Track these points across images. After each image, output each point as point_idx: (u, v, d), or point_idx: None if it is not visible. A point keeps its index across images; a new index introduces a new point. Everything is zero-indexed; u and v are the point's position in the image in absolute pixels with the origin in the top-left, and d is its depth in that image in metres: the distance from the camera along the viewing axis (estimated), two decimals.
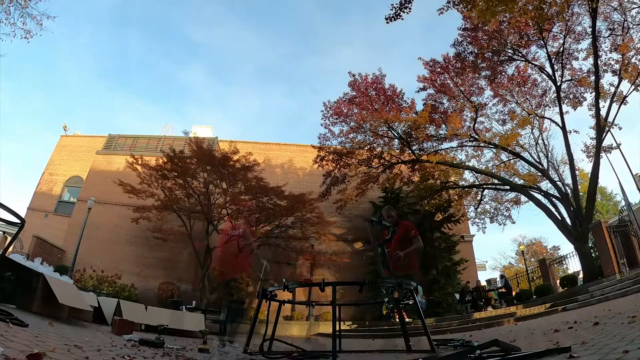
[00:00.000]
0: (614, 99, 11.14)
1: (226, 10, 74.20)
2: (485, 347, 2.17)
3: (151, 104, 77.81)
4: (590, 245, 11.52)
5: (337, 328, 3.09)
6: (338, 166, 14.77)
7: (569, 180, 12.58)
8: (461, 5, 7.30)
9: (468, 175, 15.43)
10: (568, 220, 11.74)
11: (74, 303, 4.99)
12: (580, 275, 11.97)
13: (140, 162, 13.97)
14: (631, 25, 10.57)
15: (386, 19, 7.18)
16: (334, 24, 75.88)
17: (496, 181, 14.32)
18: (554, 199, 12.63)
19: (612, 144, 12.21)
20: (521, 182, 13.69)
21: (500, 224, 15.55)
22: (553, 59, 11.94)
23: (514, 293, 14.19)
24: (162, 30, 71.33)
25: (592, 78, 10.97)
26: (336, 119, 14.87)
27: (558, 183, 12.82)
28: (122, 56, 69.98)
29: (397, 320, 4.41)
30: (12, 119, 61.38)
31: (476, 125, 13.95)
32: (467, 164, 14.71)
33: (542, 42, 11.80)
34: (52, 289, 4.42)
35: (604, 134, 11.02)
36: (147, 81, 75.05)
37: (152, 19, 67.25)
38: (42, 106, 66.18)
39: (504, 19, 10.73)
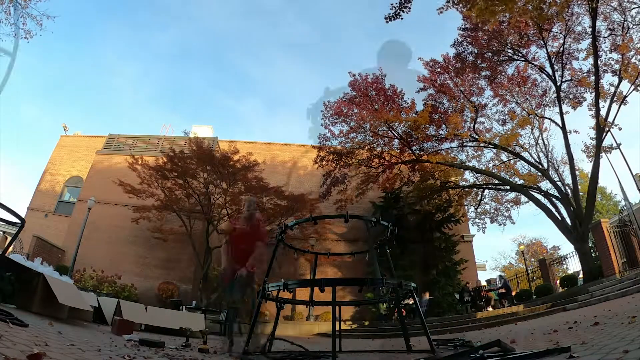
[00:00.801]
0: (614, 99, 11.14)
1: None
2: (487, 347, 2.17)
3: (152, 104, 77.96)
4: (590, 245, 11.51)
5: (337, 328, 3.08)
6: (338, 166, 14.76)
7: (569, 180, 12.58)
8: (461, 5, 7.31)
9: (468, 176, 15.45)
10: (568, 220, 11.73)
11: (74, 303, 5.00)
12: (580, 275, 11.96)
13: (140, 162, 13.97)
14: (631, 25, 10.56)
15: (385, 18, 7.18)
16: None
17: (496, 181, 14.31)
18: (554, 199, 12.62)
19: (612, 144, 12.19)
20: (521, 182, 13.68)
21: (500, 224, 15.55)
22: (553, 59, 11.94)
23: (513, 293, 14.19)
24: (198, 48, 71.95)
25: (592, 78, 10.96)
26: (336, 119, 14.86)
27: (558, 183, 12.81)
28: (132, 57, 70.14)
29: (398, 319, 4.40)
30: (13, 119, 61.47)
31: (476, 125, 13.95)
32: (467, 164, 14.71)
33: (542, 42, 11.80)
34: (52, 289, 4.42)
35: (604, 134, 11.02)
36: (158, 86, 75.55)
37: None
38: (43, 106, 66.37)
39: (504, 19, 10.73)
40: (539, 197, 12.99)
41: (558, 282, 13.11)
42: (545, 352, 1.84)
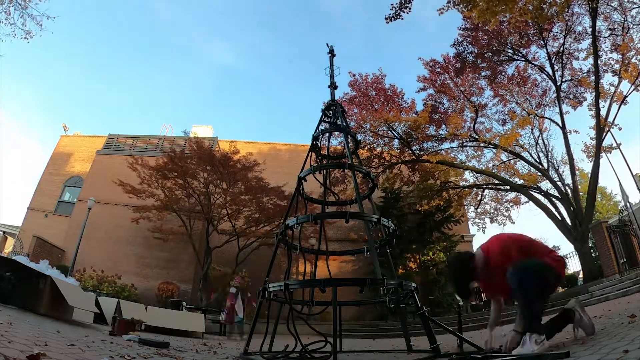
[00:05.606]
0: (614, 99, 11.14)
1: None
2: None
3: (151, 103, 77.95)
4: (590, 245, 11.51)
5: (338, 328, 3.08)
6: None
7: (569, 180, 12.58)
8: (461, 5, 7.30)
9: (468, 176, 15.43)
10: (568, 220, 11.73)
11: (82, 305, 5.02)
12: (580, 275, 11.97)
13: (140, 162, 13.98)
14: (631, 25, 10.56)
15: (386, 18, 7.20)
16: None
17: (496, 181, 14.31)
18: (554, 199, 12.62)
19: (612, 144, 12.19)
20: (521, 182, 13.68)
21: (500, 224, 15.56)
22: (553, 59, 11.94)
23: None
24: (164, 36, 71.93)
25: (592, 78, 10.96)
26: None
27: (558, 183, 12.81)
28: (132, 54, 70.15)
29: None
30: (13, 119, 61.49)
31: (476, 125, 13.95)
32: (467, 164, 14.70)
33: (542, 42, 11.81)
34: (61, 292, 4.44)
35: (604, 134, 11.02)
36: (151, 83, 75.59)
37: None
38: (41, 105, 66.38)
39: (504, 19, 10.72)
40: (539, 197, 12.99)
41: None
42: (539, 356, 1.82)
